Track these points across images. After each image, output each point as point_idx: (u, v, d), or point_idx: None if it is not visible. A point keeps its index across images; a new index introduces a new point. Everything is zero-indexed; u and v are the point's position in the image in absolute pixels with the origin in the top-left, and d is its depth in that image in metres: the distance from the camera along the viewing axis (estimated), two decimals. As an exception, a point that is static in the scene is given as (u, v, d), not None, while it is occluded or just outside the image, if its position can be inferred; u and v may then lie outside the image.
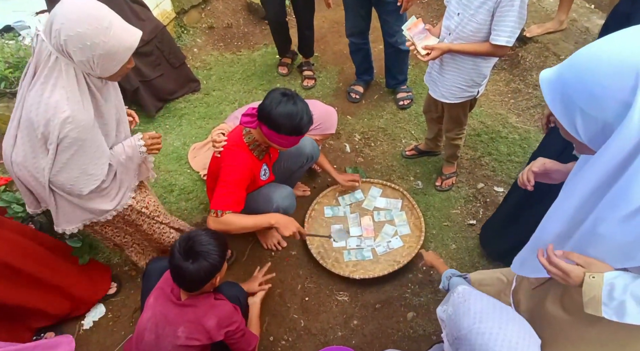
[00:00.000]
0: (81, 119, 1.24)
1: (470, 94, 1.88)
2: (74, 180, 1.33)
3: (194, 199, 2.41)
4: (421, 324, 1.86)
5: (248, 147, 1.73)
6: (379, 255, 2.08)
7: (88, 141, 1.29)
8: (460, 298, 1.05)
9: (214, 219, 1.64)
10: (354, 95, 2.89)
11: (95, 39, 1.19)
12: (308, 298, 1.99)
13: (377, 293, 1.98)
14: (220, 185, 1.66)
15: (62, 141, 1.24)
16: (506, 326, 0.94)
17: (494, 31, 1.59)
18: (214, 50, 3.39)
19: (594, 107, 0.71)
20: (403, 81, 2.80)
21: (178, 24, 3.42)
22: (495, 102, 2.78)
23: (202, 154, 2.61)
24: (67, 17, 1.16)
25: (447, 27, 1.73)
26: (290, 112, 1.54)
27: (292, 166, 2.07)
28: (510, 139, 2.53)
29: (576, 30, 2.92)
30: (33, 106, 1.22)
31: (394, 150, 2.58)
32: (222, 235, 1.40)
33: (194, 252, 1.26)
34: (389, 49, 2.61)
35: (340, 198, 2.32)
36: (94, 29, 1.18)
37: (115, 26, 1.22)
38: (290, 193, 1.94)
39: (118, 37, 1.22)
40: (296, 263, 2.12)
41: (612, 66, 0.69)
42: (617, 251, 0.79)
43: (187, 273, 1.25)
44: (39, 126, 1.23)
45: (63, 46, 1.18)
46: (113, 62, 1.26)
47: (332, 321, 1.91)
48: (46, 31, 1.20)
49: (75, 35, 1.17)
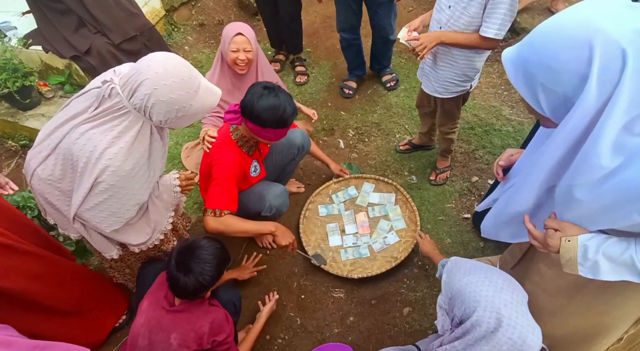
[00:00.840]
0: (123, 168, 1.20)
1: (463, 89, 1.87)
2: (100, 219, 1.29)
3: (188, 199, 2.40)
4: (417, 319, 1.87)
5: (236, 144, 1.71)
6: (376, 252, 2.07)
7: (124, 189, 1.24)
8: (452, 264, 1.10)
9: (213, 219, 1.60)
10: (347, 91, 2.88)
11: (183, 104, 1.18)
12: (304, 295, 1.98)
13: (373, 289, 1.98)
14: (213, 184, 1.65)
15: (98, 184, 1.20)
16: (492, 276, 0.99)
17: (484, 23, 1.58)
18: (206, 47, 3.36)
19: (554, 81, 0.74)
20: (387, 66, 2.88)
21: (168, 21, 3.38)
22: (488, 95, 2.77)
23: (195, 154, 2.58)
24: (159, 83, 1.13)
25: (438, 20, 1.71)
26: (273, 105, 1.53)
27: (284, 159, 2.05)
28: (504, 132, 2.52)
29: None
30: (80, 141, 1.18)
31: (388, 145, 2.57)
32: (224, 253, 1.33)
33: (188, 267, 1.22)
34: (378, 39, 2.66)
35: (333, 196, 2.31)
36: (185, 95, 1.17)
37: (201, 89, 1.21)
38: (283, 191, 1.93)
39: (203, 100, 1.22)
40: (291, 261, 2.11)
41: (566, 40, 0.72)
42: (591, 214, 0.84)
43: (178, 283, 1.23)
44: (78, 160, 1.19)
45: (147, 108, 1.16)
46: (190, 121, 1.26)
47: (329, 318, 1.91)
48: (126, 89, 1.16)
49: (165, 101, 1.15)
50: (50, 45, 2.53)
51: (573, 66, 0.70)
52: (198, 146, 2.63)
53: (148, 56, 1.18)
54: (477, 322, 0.93)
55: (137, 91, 1.14)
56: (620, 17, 0.69)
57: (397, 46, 3.13)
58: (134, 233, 1.39)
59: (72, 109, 1.25)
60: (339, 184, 2.35)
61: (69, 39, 2.53)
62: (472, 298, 0.96)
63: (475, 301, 0.95)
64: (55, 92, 2.70)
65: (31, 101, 2.56)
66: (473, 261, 1.06)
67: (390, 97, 2.85)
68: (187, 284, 1.22)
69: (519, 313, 0.92)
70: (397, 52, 3.10)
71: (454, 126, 2.12)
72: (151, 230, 1.42)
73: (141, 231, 1.40)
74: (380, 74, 2.91)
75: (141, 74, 1.14)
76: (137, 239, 1.40)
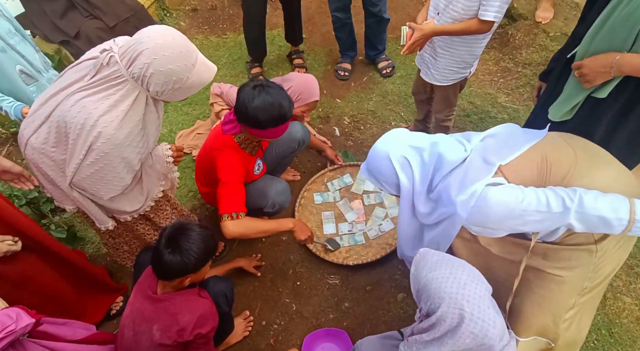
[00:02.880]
0: (117, 137, 1.21)
1: (462, 75, 1.86)
2: (96, 187, 1.31)
3: (183, 187, 2.38)
4: (411, 304, 1.89)
5: (240, 146, 1.69)
6: (371, 239, 2.08)
7: (118, 158, 1.26)
8: (419, 257, 1.13)
9: (233, 222, 1.57)
10: (342, 73, 2.86)
11: (180, 76, 1.20)
12: (299, 282, 2.00)
13: (367, 275, 2.00)
14: (223, 188, 1.61)
15: (92, 152, 1.21)
16: (456, 272, 1.03)
17: (482, 6, 1.56)
18: (199, 33, 3.30)
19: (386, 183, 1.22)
20: (382, 51, 2.84)
21: (160, 6, 3.31)
22: (484, 82, 2.75)
23: (189, 142, 2.57)
24: (159, 53, 1.15)
25: (436, 6, 1.68)
26: (267, 104, 1.48)
27: (284, 152, 2.04)
28: (500, 119, 2.52)
29: (565, 6, 2.88)
30: (74, 108, 1.19)
31: (383, 133, 2.54)
32: (213, 243, 1.31)
33: (177, 244, 1.22)
34: (371, 19, 2.61)
35: (329, 184, 2.31)
36: (182, 67, 1.18)
37: (198, 63, 1.23)
38: (285, 188, 1.92)
39: (199, 74, 1.24)
40: (287, 249, 2.12)
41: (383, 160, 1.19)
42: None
43: (162, 260, 1.21)
44: (72, 128, 1.20)
45: (145, 78, 1.18)
46: (185, 94, 1.28)
47: (324, 304, 1.93)
48: (125, 57, 1.17)
49: (164, 71, 1.17)
50: (38, 30, 2.47)
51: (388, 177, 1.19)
52: (192, 134, 2.61)
53: (148, 27, 1.20)
54: (441, 317, 0.99)
55: (136, 60, 1.15)
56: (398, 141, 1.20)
57: (393, 32, 3.10)
58: (128, 202, 1.43)
59: (66, 79, 1.25)
60: (335, 172, 2.35)
61: (57, 23, 2.47)
62: (437, 294, 1.01)
63: (440, 298, 1.00)
64: (45, 78, 2.64)
65: (21, 87, 2.50)
66: (439, 255, 1.09)
67: (386, 84, 2.83)
68: (171, 263, 1.20)
69: (481, 307, 0.98)
70: (392, 39, 3.07)
71: (450, 113, 2.11)
72: (144, 198, 1.47)
73: (134, 200, 1.44)
74: (376, 61, 2.88)
75: (141, 44, 1.15)
76: (131, 206, 1.44)
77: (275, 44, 3.15)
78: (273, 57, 3.07)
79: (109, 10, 2.49)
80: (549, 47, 2.72)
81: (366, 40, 2.80)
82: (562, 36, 2.70)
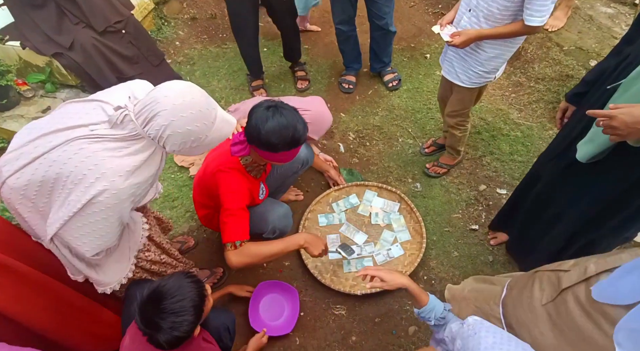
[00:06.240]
0: (125, 192, 1.11)
1: (486, 80, 1.77)
2: (81, 241, 1.16)
3: (179, 207, 2.26)
4: (424, 339, 1.76)
5: (245, 170, 1.58)
6: (379, 265, 1.96)
7: (118, 214, 1.15)
8: (470, 331, 0.97)
9: (234, 252, 1.46)
10: (347, 85, 2.76)
11: (199, 135, 1.13)
12: (303, 313, 1.87)
13: (376, 305, 1.87)
14: (226, 214, 1.49)
15: (90, 205, 1.08)
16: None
17: (527, 10, 1.44)
18: (198, 43, 3.19)
19: None
20: (388, 63, 2.75)
21: (158, 15, 3.20)
22: (495, 97, 2.65)
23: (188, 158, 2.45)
24: (177, 115, 1.07)
25: (468, 3, 1.58)
26: (281, 127, 1.36)
27: (286, 172, 1.94)
28: (512, 137, 2.41)
29: (579, 19, 2.78)
30: (77, 157, 1.06)
31: (390, 150, 2.45)
32: (197, 291, 1.12)
33: (156, 324, 1.04)
34: (377, 32, 2.53)
35: (334, 205, 2.18)
36: (201, 126, 1.12)
37: (218, 119, 1.16)
38: (286, 212, 1.80)
39: (218, 131, 1.17)
40: (290, 275, 1.99)
41: None
42: None
43: (152, 339, 1.06)
44: (70, 178, 1.06)
45: (162, 138, 1.10)
46: (203, 150, 1.20)
47: (330, 337, 1.80)
48: (141, 117, 1.09)
49: (182, 133, 1.10)
50: (28, 42, 2.34)
51: None
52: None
53: (166, 85, 1.12)
54: None
55: (152, 121, 1.09)
56: None
57: (399, 43, 3.00)
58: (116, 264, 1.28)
59: (67, 119, 1.12)
60: (340, 192, 2.23)
61: (50, 34, 2.34)
62: None
63: None
64: (35, 91, 2.52)
65: (9, 101, 2.38)
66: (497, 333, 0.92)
67: (392, 98, 2.72)
68: (162, 341, 1.05)
69: None
70: (398, 50, 2.97)
71: (462, 123, 2.00)
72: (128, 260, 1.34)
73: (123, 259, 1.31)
74: (382, 73, 2.78)
75: (158, 104, 1.08)
76: (114, 275, 1.30)
77: (277, 54, 3.04)
78: (274, 69, 2.96)
79: (98, 12, 2.37)
80: (562, 61, 2.62)
81: (371, 53, 2.70)
82: (576, 50, 2.60)
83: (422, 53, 2.98)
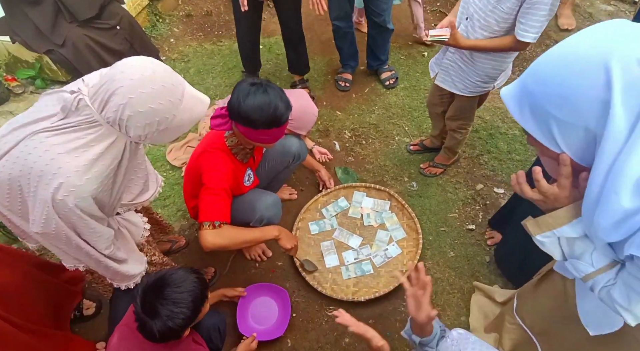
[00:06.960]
0: (82, 188, 1.00)
1: (483, 89, 1.72)
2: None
3: (171, 206, 2.22)
4: (418, 341, 1.72)
5: (231, 151, 1.54)
6: (378, 267, 1.91)
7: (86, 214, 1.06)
8: (455, 347, 0.95)
9: (212, 232, 1.40)
10: (344, 83, 2.72)
11: (165, 115, 1.00)
12: (295, 314, 1.83)
13: (370, 307, 1.83)
14: (207, 192, 1.45)
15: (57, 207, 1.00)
16: None
17: (520, 24, 1.40)
18: (193, 40, 3.15)
19: (569, 112, 0.63)
20: (385, 61, 2.71)
21: (152, 11, 3.16)
22: (494, 95, 2.60)
23: (181, 156, 2.41)
24: (135, 91, 0.95)
25: (466, 10, 1.54)
26: (262, 102, 1.34)
27: (277, 166, 1.89)
28: (511, 135, 2.37)
29: (579, 17, 2.75)
30: (37, 151, 0.98)
31: (386, 148, 2.41)
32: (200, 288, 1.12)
33: (155, 309, 1.03)
34: (375, 29, 2.49)
35: (323, 210, 2.12)
36: (166, 104, 0.99)
37: (186, 96, 1.03)
38: (275, 201, 1.76)
39: (188, 110, 1.04)
40: (282, 275, 1.95)
41: (576, 63, 0.62)
42: None
43: (145, 327, 1.04)
44: (30, 173, 0.99)
45: (122, 121, 0.98)
46: (174, 134, 1.08)
47: (322, 339, 1.75)
48: (97, 100, 0.98)
49: (143, 112, 0.96)
50: (18, 36, 2.30)
51: (588, 90, 0.60)
52: (183, 148, 2.44)
53: (122, 61, 1.00)
54: None
55: (109, 101, 0.96)
56: (633, 36, 0.60)
57: (396, 41, 2.96)
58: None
59: (37, 111, 1.06)
60: (328, 196, 2.17)
61: (44, 31, 2.30)
62: None
63: None
64: (25, 87, 2.49)
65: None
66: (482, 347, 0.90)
67: (389, 96, 2.68)
68: (155, 329, 1.03)
69: None
70: (396, 48, 2.93)
71: (464, 126, 1.95)
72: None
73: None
74: (379, 71, 2.74)
75: (114, 82, 0.95)
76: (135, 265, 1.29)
77: (273, 52, 3.00)
78: (270, 66, 2.92)
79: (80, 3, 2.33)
80: (561, 59, 2.59)
81: (368, 51, 2.66)
82: (575, 48, 2.57)
83: (420, 51, 2.94)
